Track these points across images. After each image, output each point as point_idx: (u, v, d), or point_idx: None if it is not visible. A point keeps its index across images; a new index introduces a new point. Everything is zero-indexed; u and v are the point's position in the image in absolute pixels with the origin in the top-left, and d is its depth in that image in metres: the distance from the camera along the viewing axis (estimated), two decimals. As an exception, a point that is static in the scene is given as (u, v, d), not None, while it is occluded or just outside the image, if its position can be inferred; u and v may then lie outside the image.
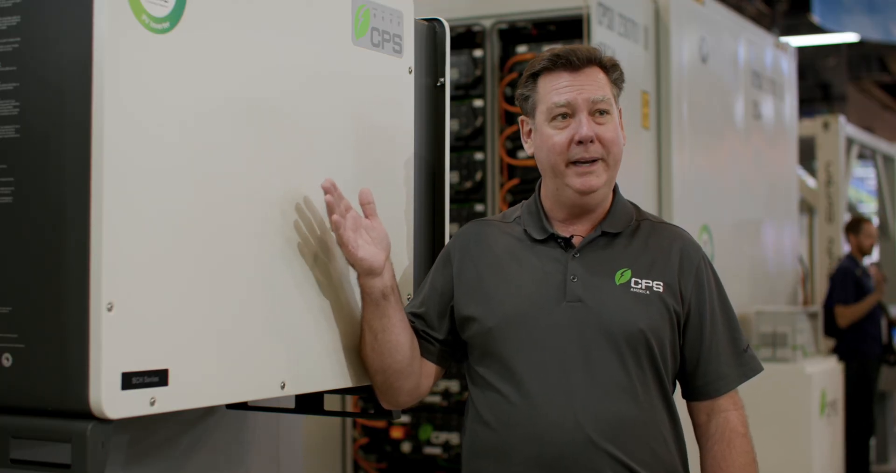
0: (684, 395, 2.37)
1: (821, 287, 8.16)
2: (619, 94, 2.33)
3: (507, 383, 2.24)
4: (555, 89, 2.26)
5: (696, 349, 2.31)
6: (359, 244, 2.18)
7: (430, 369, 2.35)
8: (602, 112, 2.25)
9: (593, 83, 2.26)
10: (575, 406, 2.19)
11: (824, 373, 5.75)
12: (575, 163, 2.24)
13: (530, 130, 2.33)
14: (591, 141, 2.23)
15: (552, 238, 2.30)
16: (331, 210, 2.14)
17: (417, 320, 2.35)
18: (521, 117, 2.36)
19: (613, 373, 2.21)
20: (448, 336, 2.34)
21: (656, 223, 2.38)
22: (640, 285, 2.25)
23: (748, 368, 2.36)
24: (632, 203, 2.40)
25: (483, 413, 2.26)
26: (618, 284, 2.25)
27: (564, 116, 2.25)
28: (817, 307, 7.20)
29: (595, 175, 2.25)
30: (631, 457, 2.19)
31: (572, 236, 2.29)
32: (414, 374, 2.30)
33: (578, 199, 2.27)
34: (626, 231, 2.32)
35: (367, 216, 2.23)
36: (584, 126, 2.23)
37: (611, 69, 2.31)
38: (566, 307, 2.23)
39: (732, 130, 5.57)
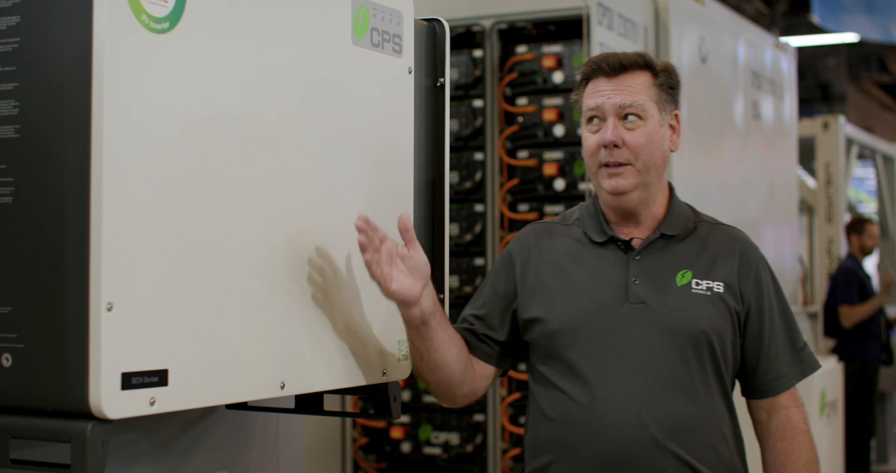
0: (744, 393, 2.42)
1: (821, 287, 8.16)
2: (670, 98, 2.35)
3: (571, 383, 2.29)
4: (592, 93, 2.33)
5: (756, 347, 2.35)
6: (392, 277, 2.15)
7: (488, 371, 2.41)
8: (628, 117, 2.29)
9: (626, 89, 2.30)
10: (639, 407, 2.24)
11: (824, 373, 5.75)
12: (606, 165, 2.29)
13: None
14: (616, 145, 2.28)
15: (612, 241, 2.35)
16: (363, 249, 2.12)
17: (478, 322, 2.41)
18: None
19: (676, 373, 2.26)
20: (509, 338, 2.40)
21: (714, 225, 2.42)
22: (701, 286, 2.30)
23: (805, 366, 2.40)
24: (688, 206, 2.44)
25: (546, 411, 2.32)
26: (679, 285, 2.30)
27: (596, 119, 2.31)
28: (817, 307, 7.20)
29: (622, 177, 2.30)
30: (694, 456, 2.24)
31: (632, 239, 2.34)
32: (467, 381, 2.35)
33: (613, 200, 2.32)
34: (685, 233, 2.36)
35: (405, 244, 2.18)
36: (608, 131, 2.28)
37: (659, 74, 2.33)
38: (629, 309, 2.28)
39: (732, 130, 5.57)
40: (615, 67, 2.31)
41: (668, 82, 2.35)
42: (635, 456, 2.23)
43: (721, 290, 2.31)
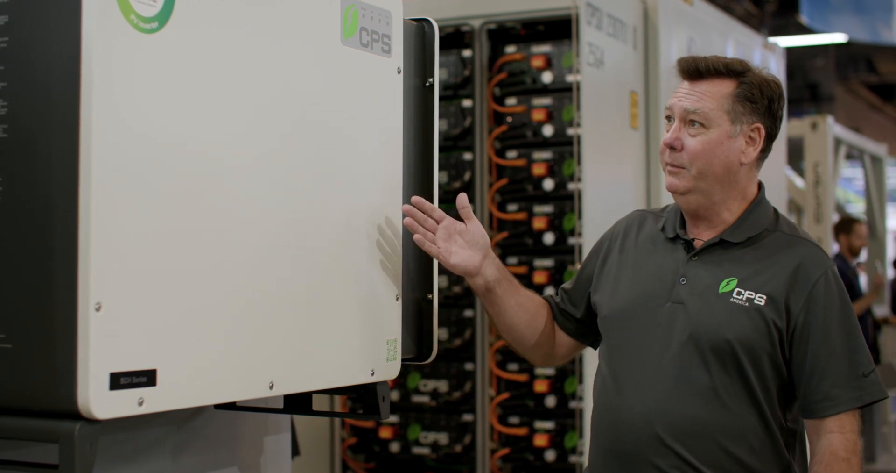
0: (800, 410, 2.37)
1: (809, 287, 8.16)
2: (748, 110, 2.34)
3: (608, 369, 2.40)
4: (674, 93, 2.39)
5: (800, 366, 2.29)
6: (451, 252, 2.37)
7: (565, 340, 2.58)
8: (694, 123, 2.31)
9: (697, 94, 2.32)
10: (650, 404, 2.28)
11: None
12: (669, 164, 2.36)
13: None
14: (673, 148, 2.33)
15: (679, 238, 2.39)
16: (413, 230, 2.32)
17: (564, 295, 2.59)
18: None
19: (696, 377, 2.27)
20: (584, 317, 2.56)
21: (789, 237, 2.38)
22: (741, 296, 2.29)
23: (864, 393, 2.30)
24: (777, 215, 2.42)
25: (594, 397, 2.45)
26: (720, 292, 2.31)
27: (671, 119, 2.36)
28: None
29: (677, 178, 2.35)
30: (700, 459, 2.25)
31: (694, 240, 2.38)
32: (542, 346, 2.55)
33: (675, 199, 2.40)
34: (748, 242, 2.35)
35: (463, 220, 2.41)
36: (670, 133, 2.34)
37: (741, 84, 2.33)
38: (669, 308, 2.33)
39: (721, 130, 5.57)
40: (692, 71, 2.34)
41: (747, 94, 2.33)
42: (637, 451, 2.28)
43: (762, 303, 2.27)
